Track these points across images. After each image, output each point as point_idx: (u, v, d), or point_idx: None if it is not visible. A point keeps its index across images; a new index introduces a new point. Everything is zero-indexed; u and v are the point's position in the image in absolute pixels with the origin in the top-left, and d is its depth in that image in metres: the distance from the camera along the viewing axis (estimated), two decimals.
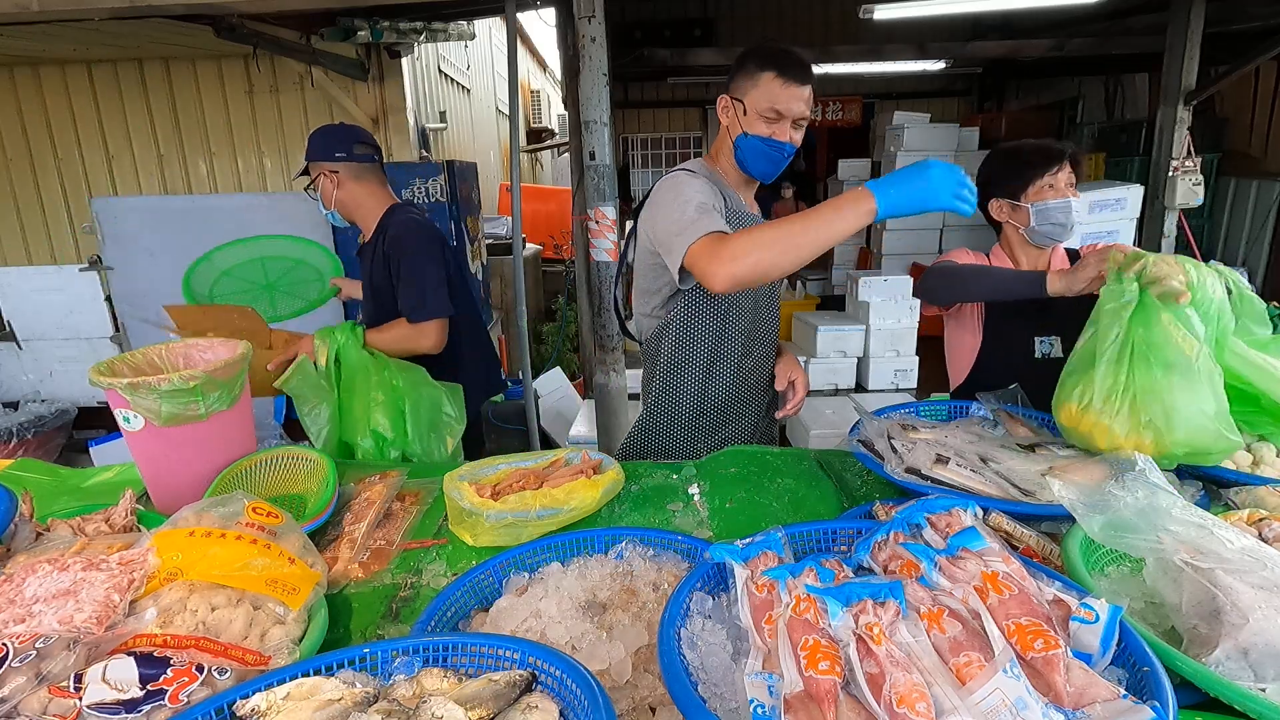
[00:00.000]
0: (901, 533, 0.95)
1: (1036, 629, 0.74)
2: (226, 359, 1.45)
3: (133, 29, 4.11)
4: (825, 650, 0.74)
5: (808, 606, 0.81)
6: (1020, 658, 0.73)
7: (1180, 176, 5.24)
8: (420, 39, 4.73)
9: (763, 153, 1.62)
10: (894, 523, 0.97)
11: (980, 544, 0.89)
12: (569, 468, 1.46)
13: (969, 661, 0.72)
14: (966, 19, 7.37)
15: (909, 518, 0.97)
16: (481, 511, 1.25)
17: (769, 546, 0.93)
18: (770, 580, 0.87)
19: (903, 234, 7.57)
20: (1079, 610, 0.77)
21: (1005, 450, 1.31)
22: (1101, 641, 0.75)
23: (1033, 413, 1.50)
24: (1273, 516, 1.03)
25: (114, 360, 1.46)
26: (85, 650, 0.84)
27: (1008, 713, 0.66)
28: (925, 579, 0.86)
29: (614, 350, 3.49)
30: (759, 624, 0.83)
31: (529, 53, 11.05)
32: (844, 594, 0.80)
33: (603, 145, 3.04)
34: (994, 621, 0.77)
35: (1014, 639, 0.74)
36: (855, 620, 0.78)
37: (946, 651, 0.75)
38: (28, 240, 5.70)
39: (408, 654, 0.84)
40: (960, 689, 0.69)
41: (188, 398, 1.35)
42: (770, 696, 0.70)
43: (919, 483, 1.23)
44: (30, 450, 3.93)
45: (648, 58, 5.99)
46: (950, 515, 0.97)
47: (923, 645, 0.75)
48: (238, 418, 1.51)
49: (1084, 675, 0.71)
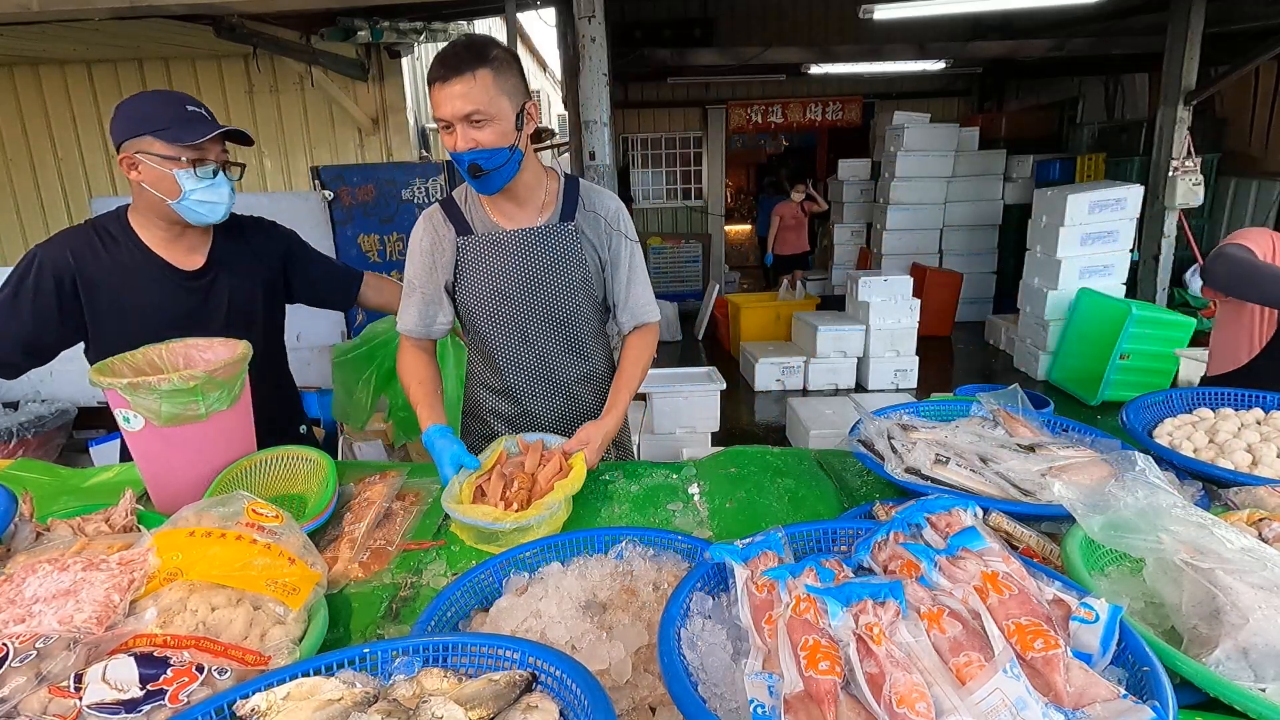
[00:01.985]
0: (901, 533, 0.95)
1: (1036, 629, 0.74)
2: (226, 359, 1.45)
3: (133, 29, 4.11)
4: (825, 650, 0.74)
5: (808, 606, 0.81)
6: (1020, 658, 0.72)
7: (1180, 176, 5.24)
8: (420, 39, 4.74)
9: (463, 167, 1.49)
10: (894, 523, 0.97)
11: (980, 544, 0.89)
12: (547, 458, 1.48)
13: (969, 662, 0.72)
14: (966, 19, 7.37)
15: (909, 518, 0.97)
16: (504, 525, 1.26)
17: (769, 546, 0.93)
18: (770, 580, 0.87)
19: (903, 234, 7.58)
20: (1079, 610, 0.77)
21: (1005, 450, 1.31)
22: (1101, 641, 0.75)
23: (1033, 412, 1.50)
24: (1272, 516, 1.03)
25: (114, 360, 1.46)
26: (85, 650, 0.84)
27: (1007, 713, 0.65)
28: (925, 579, 0.86)
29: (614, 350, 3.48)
30: (759, 624, 0.83)
31: (529, 53, 11.04)
32: (844, 594, 0.80)
33: (603, 145, 3.05)
34: (994, 621, 0.76)
35: (1014, 639, 0.74)
36: (855, 620, 0.78)
37: (946, 651, 0.74)
38: (28, 240, 5.69)
39: (408, 654, 0.84)
40: (960, 689, 0.69)
41: (187, 398, 1.35)
42: (770, 696, 0.70)
43: (919, 483, 1.23)
44: (30, 450, 3.93)
45: (648, 58, 6.00)
46: (950, 515, 0.97)
47: (923, 645, 0.75)
48: (238, 418, 1.51)
49: (1084, 675, 0.71)
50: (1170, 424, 1.47)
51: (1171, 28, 5.11)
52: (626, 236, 1.71)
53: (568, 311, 1.69)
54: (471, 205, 1.65)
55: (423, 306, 1.67)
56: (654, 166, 9.34)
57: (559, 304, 1.67)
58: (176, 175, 1.50)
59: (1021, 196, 7.27)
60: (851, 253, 8.43)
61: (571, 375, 1.77)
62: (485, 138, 1.43)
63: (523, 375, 1.74)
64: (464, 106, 1.40)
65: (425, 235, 1.65)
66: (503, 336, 1.70)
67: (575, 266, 1.65)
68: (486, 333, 1.71)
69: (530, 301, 1.66)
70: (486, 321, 1.69)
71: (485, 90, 1.40)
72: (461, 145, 1.43)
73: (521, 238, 1.62)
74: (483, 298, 1.66)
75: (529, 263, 1.63)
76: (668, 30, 7.41)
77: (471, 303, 1.68)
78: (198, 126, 1.51)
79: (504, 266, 1.63)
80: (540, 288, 1.65)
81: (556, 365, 1.74)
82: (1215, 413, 1.47)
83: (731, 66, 6.84)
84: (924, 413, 1.55)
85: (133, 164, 1.52)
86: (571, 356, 1.75)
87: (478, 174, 1.48)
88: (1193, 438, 1.38)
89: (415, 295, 1.67)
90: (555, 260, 1.64)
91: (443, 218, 1.65)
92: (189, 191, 1.53)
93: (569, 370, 1.76)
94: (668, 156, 9.30)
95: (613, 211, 1.69)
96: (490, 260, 1.63)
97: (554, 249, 1.64)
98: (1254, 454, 1.30)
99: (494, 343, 1.72)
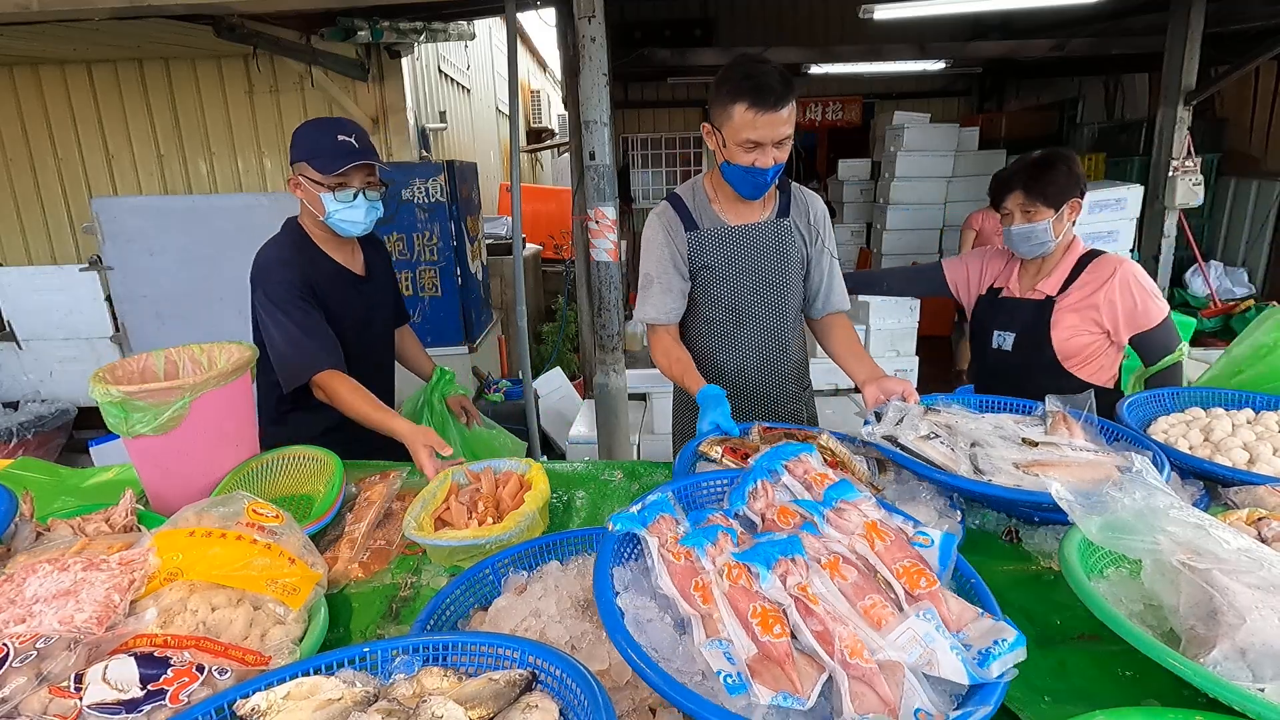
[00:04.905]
0: (769, 482, 1.06)
1: (918, 570, 0.88)
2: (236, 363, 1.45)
3: (133, 29, 4.11)
4: (774, 615, 0.83)
5: (739, 574, 0.88)
6: (909, 594, 0.86)
7: (1180, 176, 5.24)
8: (420, 39, 4.73)
9: (746, 180, 1.67)
10: (756, 471, 1.09)
11: (855, 495, 1.01)
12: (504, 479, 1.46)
13: (874, 604, 0.84)
14: (966, 19, 7.35)
15: (768, 464, 1.10)
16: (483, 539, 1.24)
17: (662, 509, 0.99)
18: (687, 548, 0.92)
19: (903, 234, 7.57)
20: (917, 537, 0.95)
21: (1005, 441, 1.34)
22: (940, 561, 0.92)
23: (1092, 418, 1.41)
24: (1272, 516, 1.03)
25: (114, 365, 1.47)
26: (85, 650, 0.84)
27: (919, 646, 0.79)
28: (813, 528, 0.97)
29: (614, 350, 3.49)
30: (686, 591, 0.87)
31: (529, 53, 11.05)
32: (763, 556, 0.90)
33: (603, 145, 3.04)
34: (885, 566, 0.90)
35: (903, 579, 0.87)
36: (784, 582, 0.87)
37: (851, 595, 0.86)
38: (28, 240, 5.70)
39: (408, 653, 0.84)
40: (877, 631, 0.81)
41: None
42: (730, 664, 0.76)
43: (887, 446, 1.35)
44: (30, 450, 3.93)
45: (648, 58, 5.98)
46: (800, 461, 1.11)
47: (833, 593, 0.86)
48: (239, 419, 1.51)
49: (958, 603, 0.85)
50: (1164, 422, 1.47)
51: (1171, 28, 5.10)
52: (829, 236, 1.91)
53: (781, 298, 1.86)
54: (700, 203, 1.83)
55: (661, 296, 1.82)
56: (654, 166, 9.30)
57: (774, 291, 1.85)
58: (322, 197, 1.73)
59: None
60: (851, 253, 8.42)
61: (777, 358, 1.92)
62: (783, 156, 1.64)
63: (736, 357, 1.90)
64: (785, 131, 1.59)
65: (660, 230, 1.83)
66: (722, 322, 1.87)
67: (789, 258, 1.83)
68: (708, 318, 1.87)
69: (750, 286, 1.83)
70: (710, 302, 1.85)
71: (793, 117, 1.61)
72: (770, 163, 1.62)
73: (745, 232, 1.81)
74: (710, 283, 1.83)
75: (751, 254, 1.81)
76: (668, 30, 7.39)
77: (698, 291, 1.85)
78: (340, 159, 1.70)
79: (730, 258, 1.81)
80: (759, 277, 1.83)
81: (766, 348, 1.90)
82: (1207, 412, 1.47)
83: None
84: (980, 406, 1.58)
85: (296, 184, 1.76)
86: (779, 340, 1.91)
87: (762, 187, 1.69)
88: (1188, 435, 1.39)
89: (654, 286, 1.82)
90: (774, 252, 1.82)
91: (674, 215, 1.82)
92: (332, 211, 1.75)
93: (776, 353, 1.91)
94: (668, 156, 9.28)
95: (820, 212, 1.89)
96: (717, 252, 1.81)
97: (773, 242, 1.82)
98: (1250, 452, 1.30)
99: (714, 327, 1.88)
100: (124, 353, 4.09)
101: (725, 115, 1.61)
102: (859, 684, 0.75)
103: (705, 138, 1.73)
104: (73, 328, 4.18)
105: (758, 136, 1.58)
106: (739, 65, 1.60)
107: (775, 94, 1.55)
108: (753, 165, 1.62)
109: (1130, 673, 0.91)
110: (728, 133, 1.62)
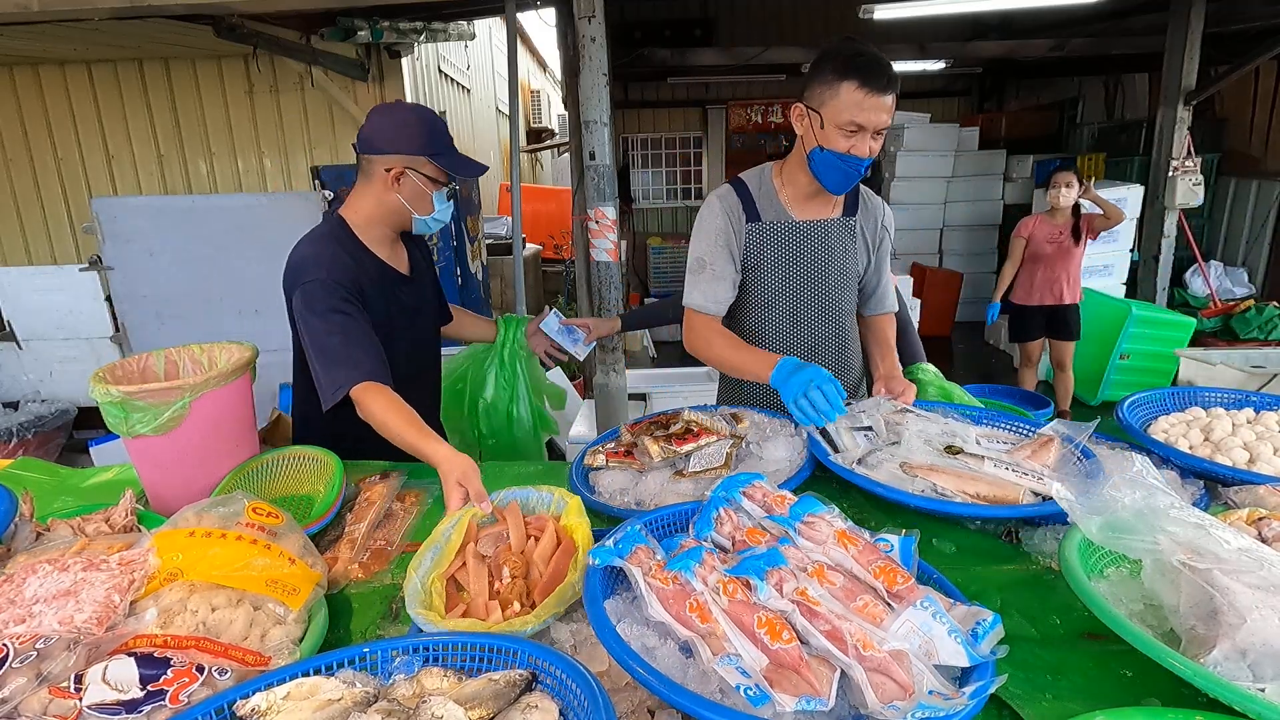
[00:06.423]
0: (730, 510, 1.09)
1: (892, 569, 0.93)
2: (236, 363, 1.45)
3: (133, 29, 4.11)
4: (779, 623, 0.84)
5: (735, 588, 0.89)
6: (890, 592, 0.90)
7: (1180, 176, 5.24)
8: (420, 39, 4.74)
9: (838, 168, 1.56)
10: (715, 501, 1.11)
11: (820, 509, 1.05)
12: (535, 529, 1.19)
13: (866, 604, 0.87)
14: (966, 19, 7.35)
15: (726, 493, 1.12)
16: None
17: (636, 540, 0.99)
18: (674, 573, 0.93)
19: (903, 234, 7.56)
20: (877, 544, 1.00)
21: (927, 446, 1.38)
22: (903, 561, 0.97)
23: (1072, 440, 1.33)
24: (1272, 515, 1.03)
25: (114, 365, 1.47)
26: (85, 651, 0.84)
27: (918, 635, 0.83)
28: (788, 541, 1.01)
29: (614, 350, 3.49)
30: (681, 614, 0.87)
31: (529, 53, 11.04)
32: (754, 569, 0.92)
33: (603, 145, 3.05)
34: (863, 569, 0.94)
35: (881, 579, 0.92)
36: (780, 591, 0.89)
37: (843, 598, 0.89)
38: (28, 240, 5.70)
39: (408, 653, 0.84)
40: (877, 625, 0.85)
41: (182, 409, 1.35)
42: (745, 677, 0.76)
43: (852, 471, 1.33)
44: (30, 450, 3.93)
45: (648, 58, 5.99)
46: (755, 487, 1.14)
47: (825, 597, 0.89)
48: (239, 419, 1.51)
49: (938, 596, 0.88)
50: (1164, 422, 1.47)
51: (1171, 28, 5.11)
52: (890, 238, 1.85)
53: (839, 298, 1.80)
54: (766, 192, 1.73)
55: (712, 284, 1.72)
56: (654, 166, 9.33)
57: (833, 290, 1.78)
58: (433, 196, 1.64)
59: (1021, 196, 7.27)
60: None
61: (832, 359, 1.84)
62: (877, 148, 1.55)
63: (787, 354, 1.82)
64: (886, 120, 1.51)
65: (719, 216, 1.72)
66: (776, 318, 1.79)
67: (852, 258, 1.77)
68: (762, 313, 1.79)
69: (809, 287, 1.76)
70: (763, 303, 1.78)
71: (893, 111, 1.53)
72: (866, 152, 1.53)
73: (810, 229, 1.72)
74: (765, 280, 1.75)
75: (814, 251, 1.74)
76: (668, 30, 7.39)
77: (752, 283, 1.76)
78: (471, 165, 1.65)
79: (791, 253, 1.74)
80: (820, 274, 1.75)
81: (820, 349, 1.83)
82: (1208, 412, 1.47)
83: (731, 66, 6.82)
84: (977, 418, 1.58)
85: (399, 177, 1.60)
86: (834, 341, 1.84)
87: (854, 179, 1.58)
88: (1188, 435, 1.39)
89: (705, 273, 1.73)
90: (837, 251, 1.75)
91: (736, 201, 1.72)
92: (439, 211, 1.67)
93: (831, 354, 1.84)
94: (668, 156, 9.29)
95: (886, 214, 1.83)
96: (778, 247, 1.73)
97: (838, 241, 1.75)
98: (1251, 451, 1.30)
99: (767, 324, 1.79)
100: (124, 353, 4.09)
101: (830, 93, 1.49)
102: (877, 675, 0.78)
103: (795, 121, 1.60)
104: (73, 328, 4.18)
105: (863, 120, 1.48)
106: (846, 44, 1.51)
107: (886, 77, 1.47)
108: (848, 152, 1.52)
109: (1130, 672, 0.90)
110: (828, 113, 1.51)
